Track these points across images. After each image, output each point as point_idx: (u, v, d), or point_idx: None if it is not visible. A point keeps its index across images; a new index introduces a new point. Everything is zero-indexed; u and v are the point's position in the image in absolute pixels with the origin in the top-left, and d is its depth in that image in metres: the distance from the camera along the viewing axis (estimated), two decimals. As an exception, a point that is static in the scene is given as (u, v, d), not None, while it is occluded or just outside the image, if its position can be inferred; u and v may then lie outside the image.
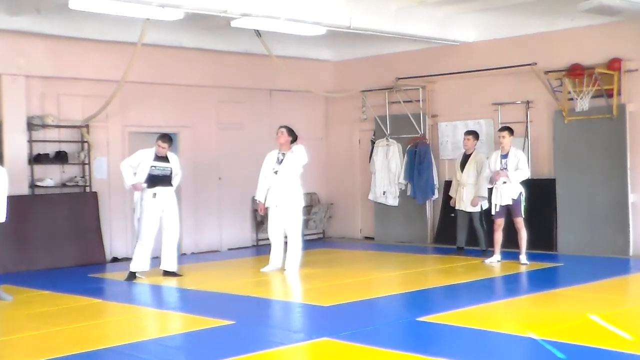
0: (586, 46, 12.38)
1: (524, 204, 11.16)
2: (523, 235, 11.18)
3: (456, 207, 12.42)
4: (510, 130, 11.38)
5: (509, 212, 11.18)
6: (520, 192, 11.13)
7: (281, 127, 11.08)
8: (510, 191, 11.09)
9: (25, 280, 10.54)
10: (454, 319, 7.71)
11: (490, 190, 11.41)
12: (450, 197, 12.62)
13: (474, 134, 12.37)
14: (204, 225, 13.98)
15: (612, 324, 7.27)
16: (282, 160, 10.93)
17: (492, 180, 11.25)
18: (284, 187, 10.86)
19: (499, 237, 11.33)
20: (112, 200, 12.74)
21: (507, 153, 11.21)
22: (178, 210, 10.89)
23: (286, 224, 10.92)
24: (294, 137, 10.99)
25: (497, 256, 11.38)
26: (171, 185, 10.71)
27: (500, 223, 11.26)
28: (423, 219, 14.46)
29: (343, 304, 8.66)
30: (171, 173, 10.69)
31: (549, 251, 12.43)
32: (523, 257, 11.15)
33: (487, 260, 11.39)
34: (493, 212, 11.27)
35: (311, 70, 15.26)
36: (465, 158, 12.32)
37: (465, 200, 12.20)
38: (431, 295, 9.45)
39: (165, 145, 10.61)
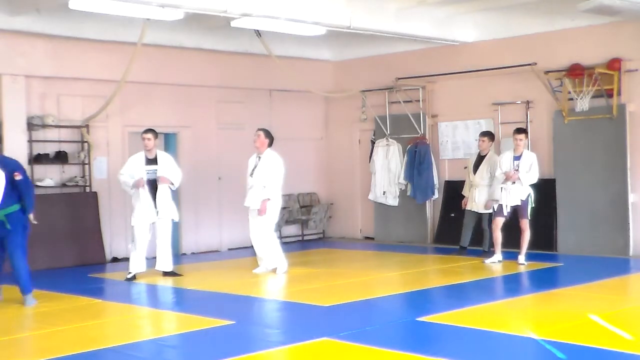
0: (586, 46, 12.38)
1: (532, 205, 11.17)
2: (526, 237, 11.19)
3: (467, 208, 12.36)
4: (526, 132, 11.43)
5: (515, 212, 11.19)
6: (529, 194, 11.14)
7: (258, 129, 11.14)
8: (519, 192, 11.10)
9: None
10: (454, 319, 7.71)
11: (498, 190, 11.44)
12: (463, 197, 12.54)
13: (490, 135, 12.31)
14: (204, 225, 13.98)
15: (612, 324, 7.27)
16: (257, 164, 10.97)
17: (505, 180, 11.24)
18: (258, 190, 10.86)
19: (498, 236, 11.33)
20: (112, 200, 12.73)
21: (521, 155, 11.21)
22: (176, 213, 10.89)
23: (259, 226, 10.92)
24: (270, 140, 11.03)
25: (497, 256, 11.37)
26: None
27: (499, 223, 11.26)
28: (423, 219, 14.46)
29: (343, 304, 8.66)
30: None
31: (549, 251, 12.43)
32: (522, 258, 11.16)
33: (488, 260, 11.38)
34: (505, 212, 11.21)
35: (311, 70, 15.26)
36: (480, 159, 12.24)
37: (478, 202, 12.15)
38: (431, 295, 9.45)
39: (150, 136, 10.62)
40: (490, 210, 12.09)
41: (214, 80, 14.03)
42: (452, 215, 13.64)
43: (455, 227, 12.86)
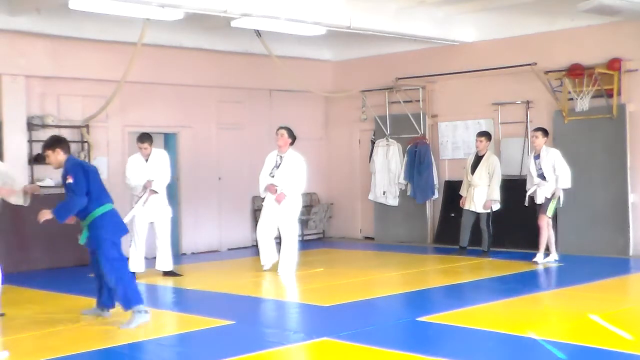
0: (586, 46, 12.38)
1: (555, 203, 11.18)
2: (542, 234, 11.22)
3: (465, 207, 12.38)
4: (544, 131, 11.40)
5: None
6: (554, 192, 11.15)
7: (281, 128, 11.04)
8: (545, 190, 11.16)
9: (25, 280, 10.53)
10: (454, 319, 7.71)
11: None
12: (461, 197, 12.54)
13: (487, 135, 12.34)
14: (204, 225, 13.98)
15: (612, 324, 7.27)
16: (279, 164, 10.91)
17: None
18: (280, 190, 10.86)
19: (550, 235, 11.38)
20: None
21: (539, 154, 11.23)
22: (171, 211, 10.92)
23: (282, 227, 10.90)
24: (293, 139, 11.00)
25: (553, 255, 11.40)
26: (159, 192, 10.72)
27: (547, 221, 11.31)
28: (423, 219, 14.46)
29: (343, 304, 8.66)
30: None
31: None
32: (539, 256, 11.18)
33: (544, 260, 11.34)
34: (536, 206, 11.33)
35: (311, 70, 15.26)
36: (478, 159, 12.28)
37: (476, 202, 12.18)
38: (431, 295, 9.46)
39: (146, 145, 10.62)
40: (489, 210, 12.13)
41: (214, 80, 14.02)
42: (452, 215, 13.64)
43: (455, 227, 12.86)
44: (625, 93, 12.07)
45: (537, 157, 11.31)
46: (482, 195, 12.13)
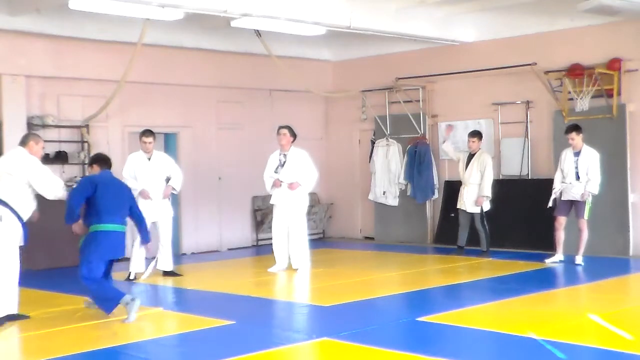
0: (586, 46, 12.38)
1: (590, 205, 11.12)
2: (583, 237, 11.14)
3: (457, 207, 12.40)
4: (578, 129, 11.21)
5: (572, 209, 11.18)
6: (582, 194, 11.10)
7: (282, 127, 11.10)
8: (575, 191, 11.10)
9: (25, 280, 10.48)
10: (454, 319, 7.71)
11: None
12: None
13: (479, 135, 12.35)
14: (204, 225, 13.98)
15: (612, 324, 7.27)
16: (284, 162, 10.96)
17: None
18: (286, 188, 10.88)
19: (560, 236, 11.31)
20: (112, 200, 12.71)
21: (580, 151, 11.15)
22: (172, 211, 10.95)
23: (290, 224, 10.96)
24: (294, 137, 11.07)
25: (559, 256, 11.34)
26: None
27: (561, 222, 11.25)
28: (423, 219, 14.46)
29: (343, 304, 8.66)
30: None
31: (549, 251, 12.40)
32: (578, 258, 11.12)
33: (548, 260, 11.33)
34: (562, 206, 11.22)
35: (311, 70, 15.26)
36: (470, 157, 12.31)
37: (466, 200, 12.19)
38: (431, 295, 9.46)
39: (151, 139, 10.71)
40: (478, 209, 12.12)
41: (214, 80, 14.03)
42: (452, 215, 13.63)
43: (455, 227, 12.86)
44: (625, 93, 12.07)
45: (577, 153, 11.19)
46: (473, 194, 12.14)
